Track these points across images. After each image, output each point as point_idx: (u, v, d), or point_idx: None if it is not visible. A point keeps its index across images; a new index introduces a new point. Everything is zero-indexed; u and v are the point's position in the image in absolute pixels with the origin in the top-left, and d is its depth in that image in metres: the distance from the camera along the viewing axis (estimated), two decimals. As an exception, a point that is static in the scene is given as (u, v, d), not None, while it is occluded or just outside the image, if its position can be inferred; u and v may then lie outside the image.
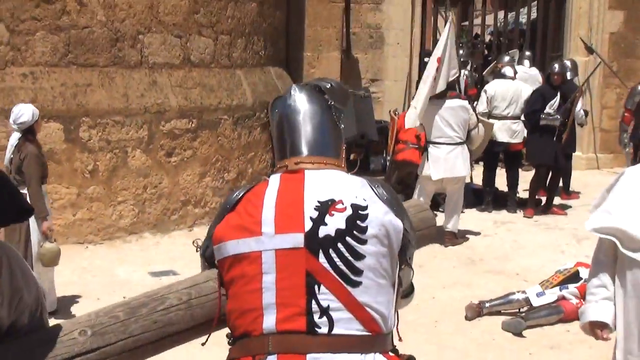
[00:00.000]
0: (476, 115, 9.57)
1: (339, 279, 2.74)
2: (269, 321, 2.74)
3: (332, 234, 2.76)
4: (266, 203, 2.84)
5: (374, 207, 2.80)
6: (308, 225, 2.75)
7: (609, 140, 13.84)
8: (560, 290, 6.91)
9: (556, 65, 10.81)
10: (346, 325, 2.71)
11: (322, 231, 2.75)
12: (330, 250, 2.76)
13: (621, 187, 3.63)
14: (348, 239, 2.78)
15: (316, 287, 2.73)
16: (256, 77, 10.87)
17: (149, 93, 9.31)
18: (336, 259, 2.76)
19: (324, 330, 2.69)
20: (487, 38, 17.21)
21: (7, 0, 8.67)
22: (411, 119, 9.18)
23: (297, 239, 2.75)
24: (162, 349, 2.84)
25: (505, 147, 10.83)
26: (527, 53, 13.85)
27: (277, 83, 11.35)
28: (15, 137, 6.76)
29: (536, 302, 6.93)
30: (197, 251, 3.17)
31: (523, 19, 16.26)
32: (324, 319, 2.71)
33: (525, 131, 10.77)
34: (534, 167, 11.01)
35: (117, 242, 8.98)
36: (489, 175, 11.00)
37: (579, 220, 10.21)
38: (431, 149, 9.06)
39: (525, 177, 11.13)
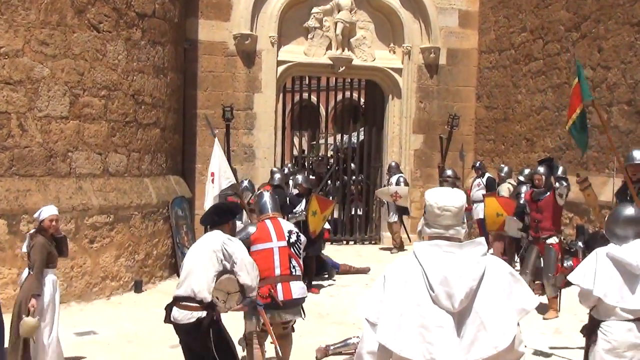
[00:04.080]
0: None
1: (297, 257, 5.80)
2: (277, 271, 5.67)
3: (294, 241, 5.83)
4: (269, 229, 5.81)
5: (300, 234, 6.01)
6: (286, 238, 5.80)
7: (416, 225, 14.17)
8: (384, 334, 6.96)
9: (300, 179, 10.63)
10: (299, 272, 5.79)
11: (291, 240, 5.81)
12: (294, 247, 5.81)
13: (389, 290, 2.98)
14: (298, 243, 5.87)
15: (292, 259, 5.75)
16: (159, 183, 10.72)
17: (75, 196, 9.03)
18: (295, 250, 5.81)
19: (294, 273, 5.74)
20: (330, 153, 17.58)
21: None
22: None
23: (284, 243, 5.76)
24: None
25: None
26: (394, 164, 13.77)
27: (175, 187, 11.23)
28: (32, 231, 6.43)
29: (366, 343, 6.93)
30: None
31: (355, 139, 16.71)
32: (294, 270, 5.74)
33: None
34: None
35: (49, 310, 8.51)
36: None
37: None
38: None
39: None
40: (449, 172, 12.01)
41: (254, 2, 13.20)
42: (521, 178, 10.69)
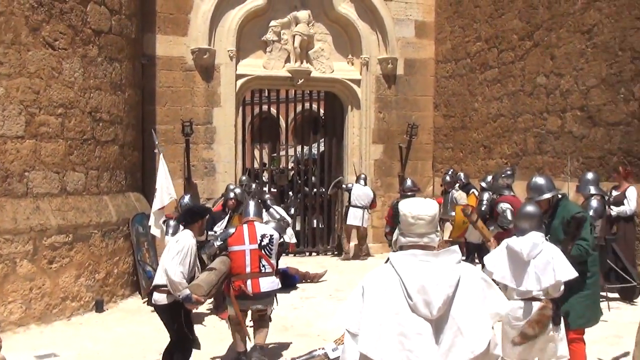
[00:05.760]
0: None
1: (268, 257, 6.85)
2: (248, 269, 6.76)
3: (265, 244, 6.87)
4: (244, 233, 6.88)
5: (275, 234, 7.05)
6: (259, 241, 6.86)
7: (377, 234, 14.32)
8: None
9: (232, 194, 10.11)
10: (269, 269, 6.86)
11: (263, 243, 6.86)
12: (265, 249, 6.86)
13: (368, 301, 3.02)
14: (270, 245, 6.92)
15: (262, 259, 6.82)
16: (119, 201, 10.63)
17: (33, 216, 8.90)
18: (266, 251, 6.86)
19: (264, 271, 6.82)
20: (290, 165, 17.60)
21: None
22: (152, 229, 9.71)
23: (255, 246, 6.83)
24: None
25: None
26: (363, 176, 13.85)
27: (135, 204, 11.14)
28: None
29: (332, 355, 6.94)
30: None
31: (315, 151, 16.78)
32: (264, 268, 6.82)
33: None
34: None
35: (8, 333, 8.34)
36: None
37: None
38: None
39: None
40: (408, 184, 12.03)
41: (211, 16, 13.22)
42: (483, 184, 10.85)
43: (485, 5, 13.15)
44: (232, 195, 10.10)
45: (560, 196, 6.06)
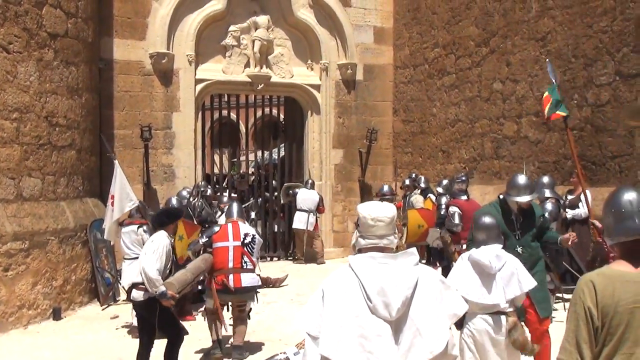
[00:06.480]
0: None
1: (249, 254, 7.30)
2: (230, 264, 7.19)
3: (248, 242, 7.33)
4: (228, 231, 7.32)
5: (257, 235, 7.59)
6: (241, 239, 7.29)
7: (338, 238, 14.37)
8: (311, 349, 7.01)
9: (174, 200, 10.42)
10: (250, 266, 7.32)
11: (245, 241, 7.31)
12: (247, 247, 7.30)
13: (329, 306, 3.04)
14: (252, 243, 7.37)
15: (244, 256, 7.26)
16: (77, 206, 10.48)
17: (-12, 222, 8.71)
18: (248, 249, 7.29)
19: (245, 267, 7.27)
20: (251, 170, 17.53)
21: None
22: (106, 235, 9.46)
23: (238, 243, 7.27)
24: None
25: None
26: (310, 181, 14.11)
27: (93, 210, 10.99)
28: None
29: (293, 359, 6.96)
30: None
31: (275, 156, 16.77)
32: (246, 264, 7.27)
33: None
34: None
35: (-38, 343, 8.15)
36: None
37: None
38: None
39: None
40: (385, 189, 12.18)
41: (169, 20, 13.14)
42: (439, 189, 11.00)
43: (443, 12, 13.34)
44: (174, 201, 10.27)
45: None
